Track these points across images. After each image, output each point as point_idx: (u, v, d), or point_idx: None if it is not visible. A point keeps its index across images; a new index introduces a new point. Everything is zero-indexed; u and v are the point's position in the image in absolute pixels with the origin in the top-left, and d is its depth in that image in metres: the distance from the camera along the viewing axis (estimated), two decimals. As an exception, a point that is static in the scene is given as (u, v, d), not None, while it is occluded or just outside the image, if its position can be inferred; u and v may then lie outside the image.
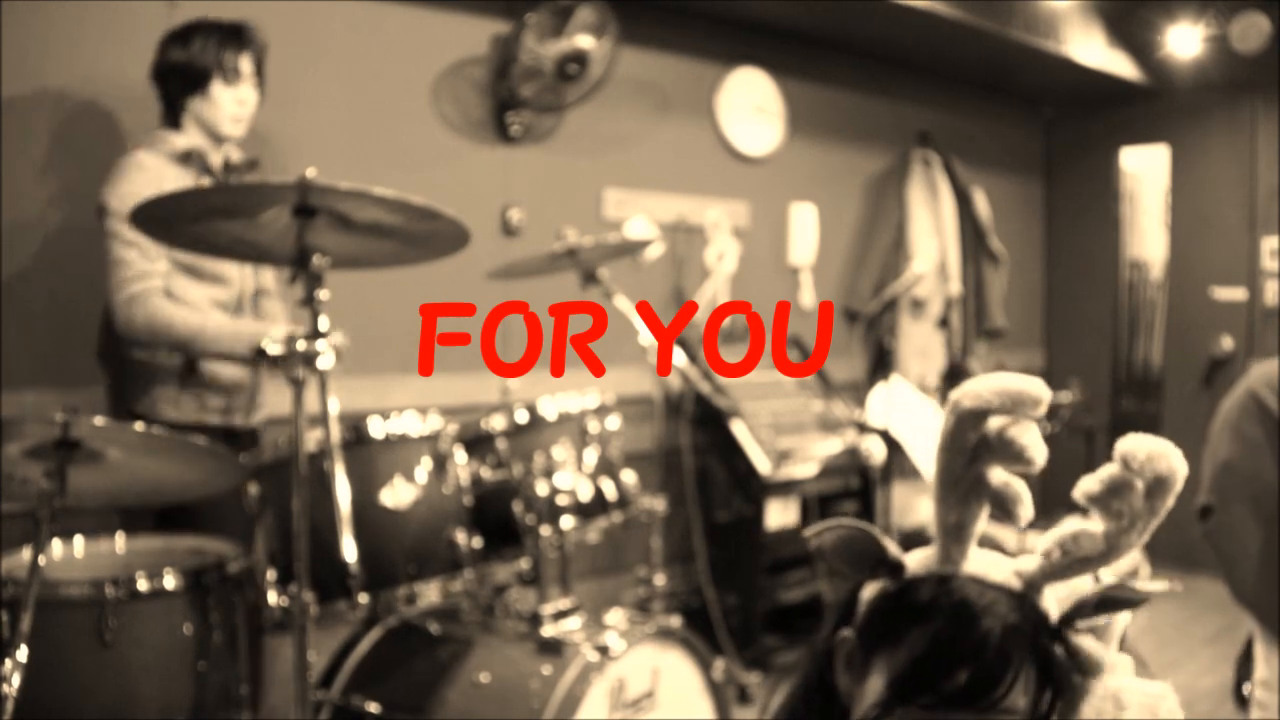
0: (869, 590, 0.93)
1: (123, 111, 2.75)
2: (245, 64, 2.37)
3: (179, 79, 2.36)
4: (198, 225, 1.80)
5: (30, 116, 2.60)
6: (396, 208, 1.74)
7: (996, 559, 0.93)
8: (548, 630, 2.18)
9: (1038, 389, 0.86)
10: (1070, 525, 0.88)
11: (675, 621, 2.32)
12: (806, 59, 4.48)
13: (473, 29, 3.49)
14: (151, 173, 2.27)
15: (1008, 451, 0.87)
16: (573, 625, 2.23)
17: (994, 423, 0.87)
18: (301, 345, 1.74)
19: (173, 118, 2.39)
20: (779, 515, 3.76)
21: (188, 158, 2.35)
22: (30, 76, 2.59)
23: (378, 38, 3.27)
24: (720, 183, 4.20)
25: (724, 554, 3.81)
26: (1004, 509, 0.90)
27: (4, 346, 2.54)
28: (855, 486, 4.05)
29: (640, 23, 3.72)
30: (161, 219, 1.78)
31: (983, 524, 0.93)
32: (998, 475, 0.89)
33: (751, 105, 4.31)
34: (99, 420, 1.74)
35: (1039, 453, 0.86)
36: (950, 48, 4.63)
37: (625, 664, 2.14)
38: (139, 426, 1.87)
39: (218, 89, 2.34)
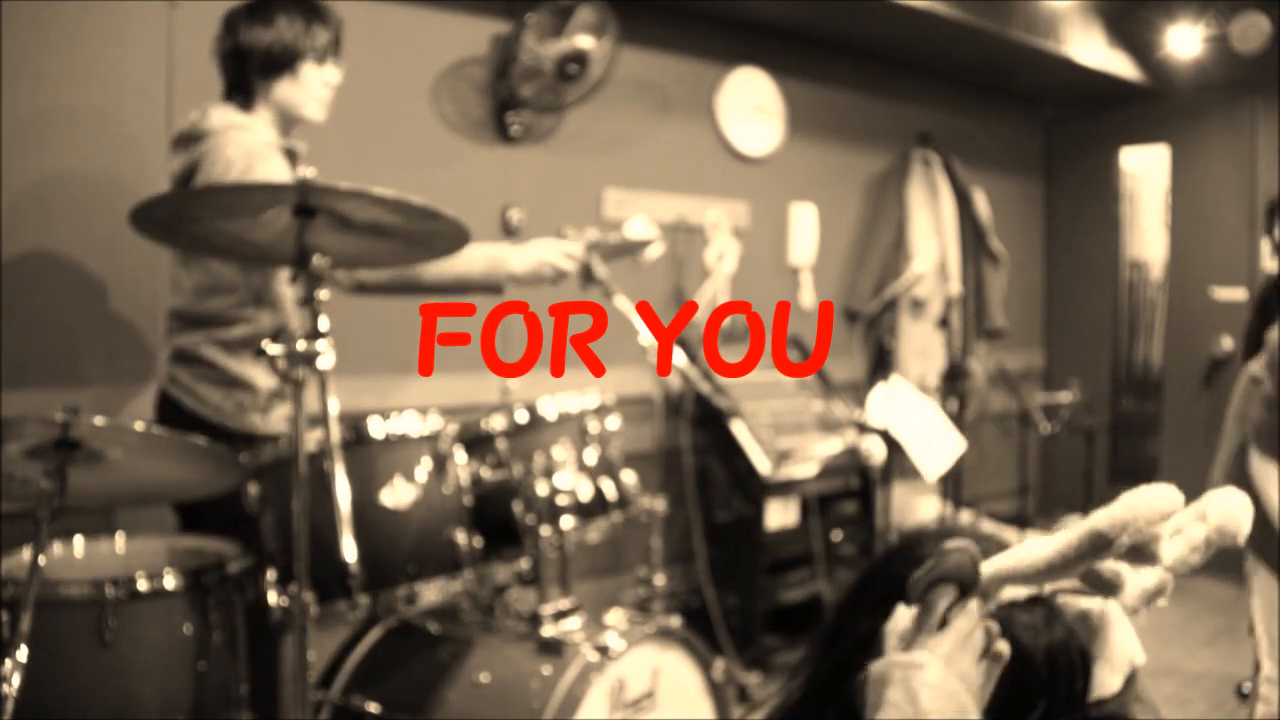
0: (900, 622, 0.87)
1: (123, 111, 2.75)
2: (333, 42, 2.29)
3: (262, 61, 2.22)
4: (198, 225, 1.79)
5: (30, 116, 2.60)
6: (396, 208, 1.74)
7: None
8: (548, 630, 2.18)
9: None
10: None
11: (675, 621, 2.32)
12: (806, 59, 4.48)
13: (473, 29, 3.49)
14: (280, 162, 2.18)
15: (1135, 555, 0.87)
16: (573, 625, 2.23)
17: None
18: (301, 345, 1.74)
19: (244, 100, 2.26)
20: (779, 515, 3.76)
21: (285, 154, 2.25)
22: (30, 77, 2.59)
23: (378, 38, 3.27)
24: (720, 183, 4.20)
25: (724, 554, 3.81)
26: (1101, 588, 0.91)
27: (4, 346, 2.54)
28: (855, 486, 4.05)
29: (640, 23, 3.72)
30: (161, 219, 1.78)
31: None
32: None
33: (751, 105, 4.31)
34: (99, 420, 1.74)
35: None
36: (950, 48, 4.63)
37: (625, 664, 2.14)
38: (139, 426, 1.86)
39: (308, 70, 2.25)
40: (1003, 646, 0.84)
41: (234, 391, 2.25)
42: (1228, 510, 0.87)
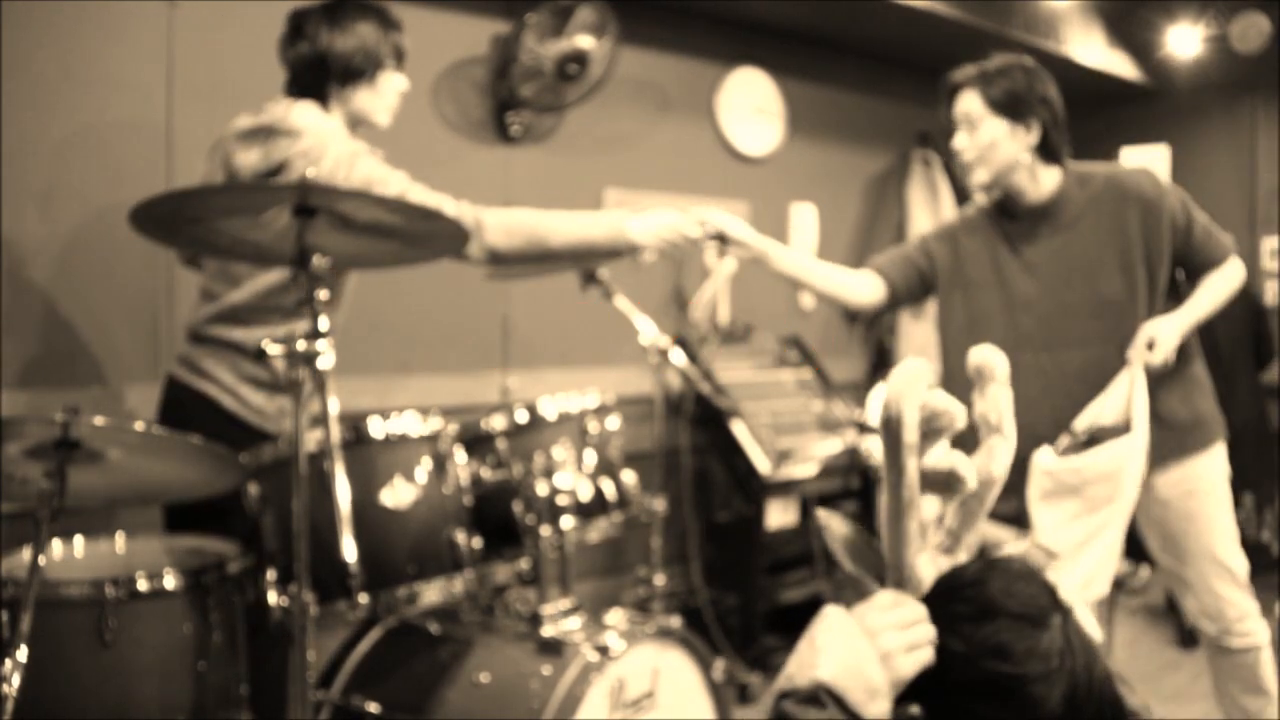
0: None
1: (123, 112, 2.75)
2: (403, 48, 2.29)
3: (343, 68, 2.20)
4: (198, 225, 1.79)
5: (30, 116, 2.60)
6: (396, 208, 1.75)
7: None
8: (548, 630, 2.18)
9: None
10: None
11: (675, 621, 2.32)
12: (806, 59, 4.48)
13: (473, 29, 3.49)
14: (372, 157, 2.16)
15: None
16: (573, 625, 2.23)
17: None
18: (301, 345, 1.74)
19: (321, 103, 2.23)
20: (779, 515, 3.76)
21: None
22: (30, 77, 2.59)
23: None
24: (720, 183, 4.20)
25: (724, 554, 3.81)
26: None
27: (4, 346, 2.54)
28: (855, 486, 4.05)
29: (640, 23, 3.72)
30: (161, 219, 1.78)
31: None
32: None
33: (751, 105, 4.31)
34: (99, 420, 1.74)
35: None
36: (950, 48, 4.62)
37: (625, 664, 2.13)
38: (139, 426, 1.86)
39: (386, 77, 2.24)
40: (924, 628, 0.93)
41: (277, 396, 2.21)
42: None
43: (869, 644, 0.90)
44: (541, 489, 2.19)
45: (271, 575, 2.00)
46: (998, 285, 2.40)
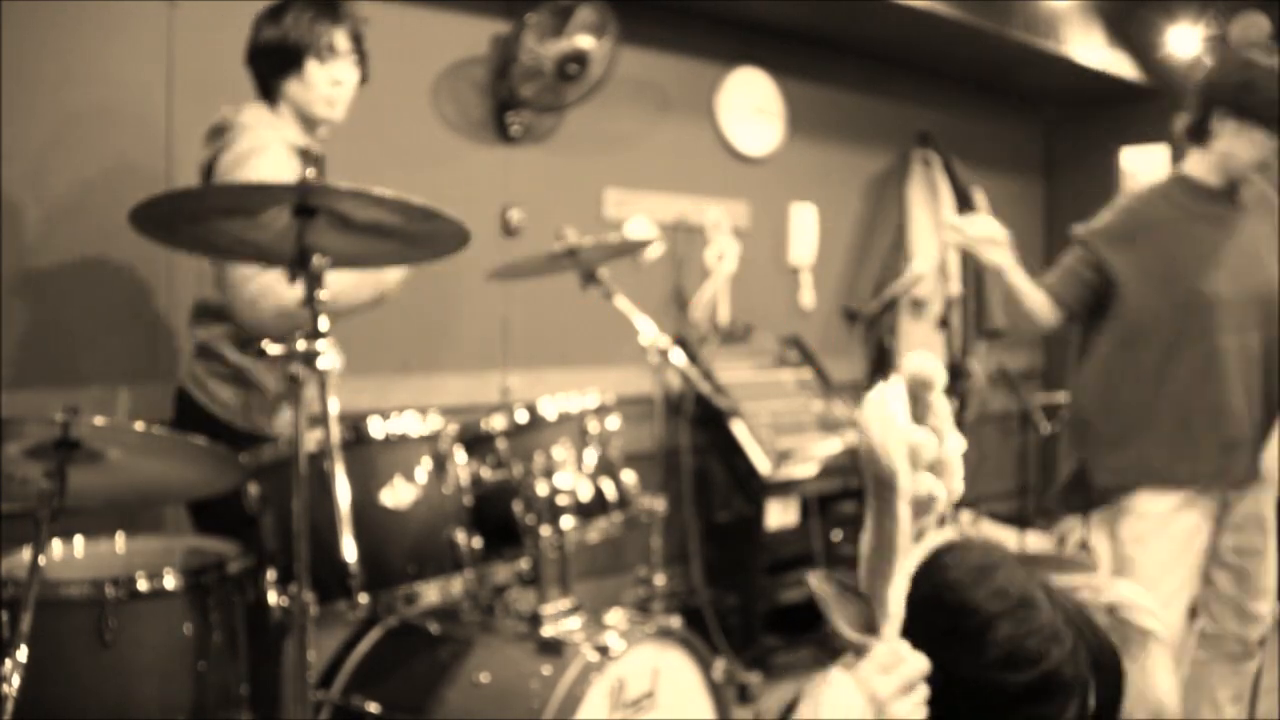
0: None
1: (123, 111, 2.75)
2: (341, 39, 2.24)
3: (272, 59, 2.22)
4: (197, 225, 1.79)
5: (29, 117, 2.60)
6: (396, 208, 1.74)
7: None
8: (548, 630, 2.18)
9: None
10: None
11: (675, 621, 2.32)
12: (806, 59, 4.48)
13: (473, 29, 3.49)
14: (281, 161, 2.16)
15: None
16: (573, 625, 2.23)
17: None
18: (301, 345, 1.74)
19: (270, 100, 2.27)
20: (779, 515, 3.76)
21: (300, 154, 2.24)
22: (30, 76, 2.59)
23: (378, 38, 3.26)
24: (720, 183, 4.20)
25: (724, 554, 3.81)
26: None
27: (4, 346, 2.54)
28: (855, 486, 4.05)
29: (640, 23, 3.72)
30: (161, 219, 1.78)
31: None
32: None
33: (751, 105, 4.31)
34: (99, 420, 1.74)
35: None
36: (950, 48, 4.63)
37: (625, 664, 2.13)
38: (139, 426, 1.86)
39: (312, 67, 2.22)
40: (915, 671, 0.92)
41: (243, 390, 2.24)
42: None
43: (874, 713, 0.89)
44: (541, 489, 2.19)
45: (271, 575, 2.00)
46: (1200, 271, 2.42)
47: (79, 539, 2.07)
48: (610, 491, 2.32)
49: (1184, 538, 2.37)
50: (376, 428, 2.07)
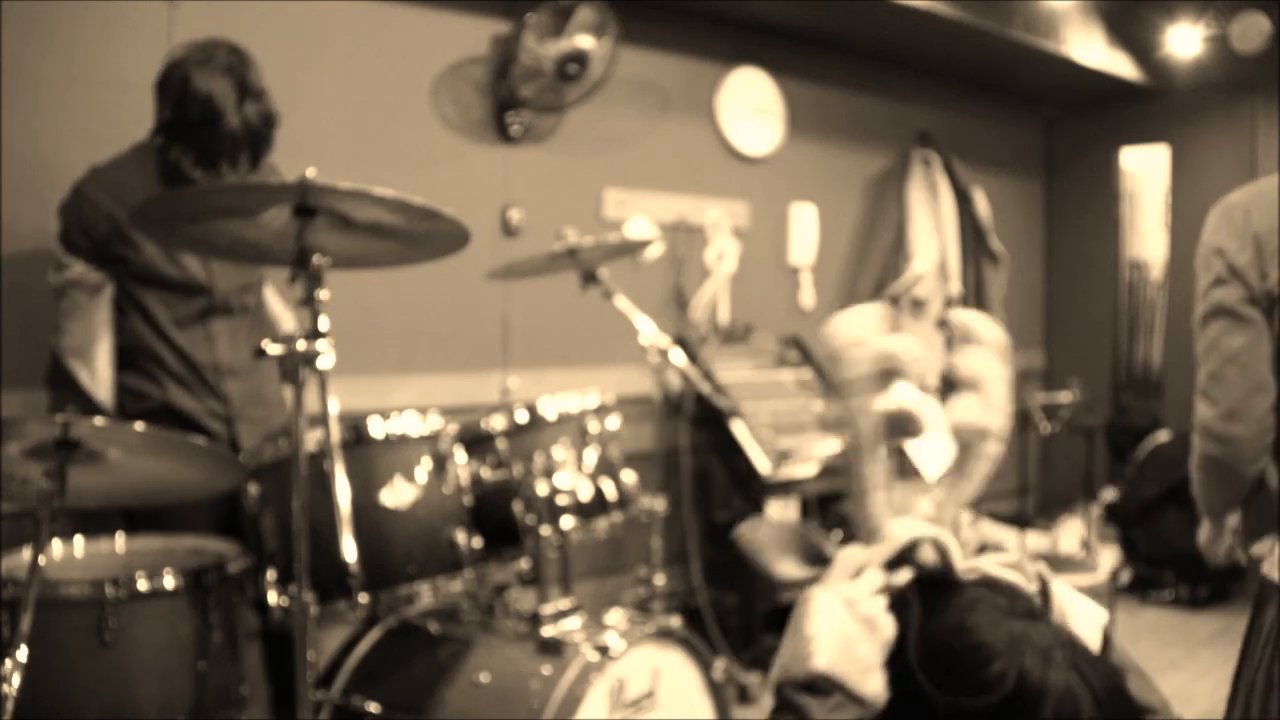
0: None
1: (123, 111, 2.75)
2: None
3: None
4: (198, 225, 1.79)
5: (30, 116, 2.60)
6: (396, 208, 1.74)
7: None
8: (548, 630, 2.18)
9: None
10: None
11: (675, 621, 2.32)
12: (806, 59, 4.48)
13: (473, 29, 3.49)
14: None
15: None
16: (573, 625, 2.23)
17: None
18: (301, 345, 1.74)
19: None
20: (779, 515, 3.76)
21: None
22: (30, 76, 2.59)
23: (378, 38, 3.27)
24: (720, 183, 4.20)
25: (724, 554, 3.80)
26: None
27: (4, 346, 2.54)
28: (855, 486, 4.05)
29: (640, 23, 3.72)
30: (161, 219, 1.78)
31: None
32: None
33: (751, 105, 4.31)
34: (99, 420, 1.74)
35: None
36: (950, 48, 4.63)
37: (625, 664, 2.13)
38: (139, 426, 1.86)
39: None
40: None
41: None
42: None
43: (853, 619, 0.90)
44: (541, 489, 2.19)
45: (271, 575, 2.00)
46: None
47: (79, 539, 2.07)
48: (610, 491, 2.32)
49: None
50: (376, 428, 2.07)
